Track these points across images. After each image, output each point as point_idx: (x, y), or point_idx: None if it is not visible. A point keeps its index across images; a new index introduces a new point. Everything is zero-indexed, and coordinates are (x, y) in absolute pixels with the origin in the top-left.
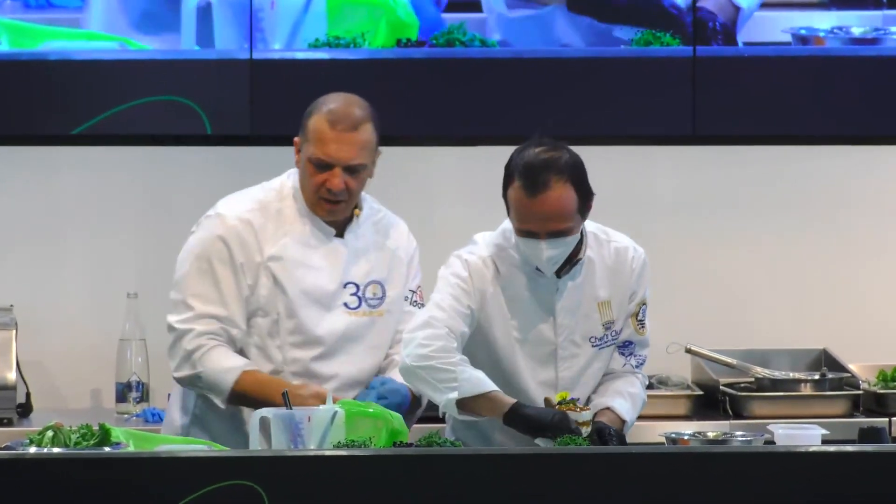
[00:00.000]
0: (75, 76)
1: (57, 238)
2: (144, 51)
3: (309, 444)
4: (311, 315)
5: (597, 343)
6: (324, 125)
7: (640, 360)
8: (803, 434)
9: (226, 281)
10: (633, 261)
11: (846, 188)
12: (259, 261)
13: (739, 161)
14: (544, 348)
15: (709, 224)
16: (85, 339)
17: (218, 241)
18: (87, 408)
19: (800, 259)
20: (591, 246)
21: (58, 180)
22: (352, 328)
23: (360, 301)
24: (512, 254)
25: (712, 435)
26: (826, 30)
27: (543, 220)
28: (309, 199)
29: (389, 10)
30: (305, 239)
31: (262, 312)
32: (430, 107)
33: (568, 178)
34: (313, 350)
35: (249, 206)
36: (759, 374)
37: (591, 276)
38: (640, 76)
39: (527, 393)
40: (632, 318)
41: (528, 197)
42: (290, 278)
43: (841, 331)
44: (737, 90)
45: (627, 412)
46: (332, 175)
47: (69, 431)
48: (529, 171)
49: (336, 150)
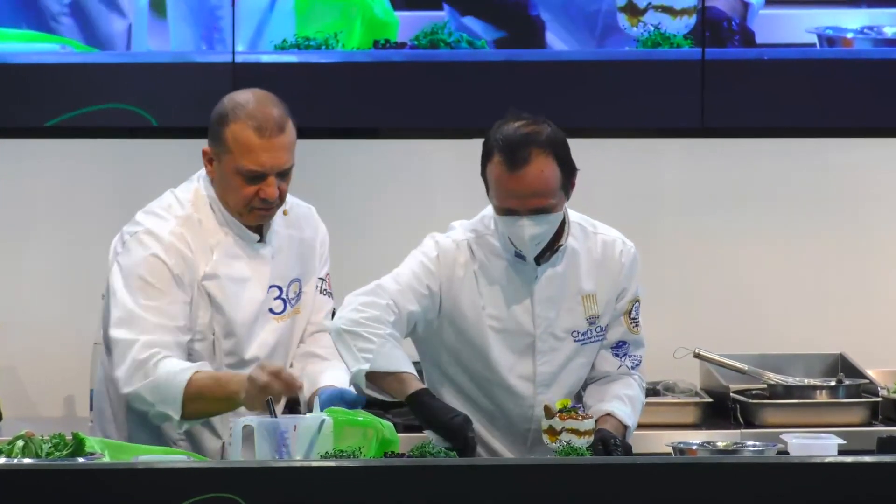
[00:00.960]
0: (24, 79)
1: (26, 236)
2: (91, 53)
3: (295, 455)
4: (247, 331)
5: (579, 338)
6: (249, 134)
7: (635, 360)
8: (818, 444)
9: (169, 298)
10: (623, 255)
11: (865, 183)
12: (195, 279)
13: (751, 154)
14: (522, 340)
15: (718, 221)
16: (57, 343)
17: (156, 261)
18: (59, 416)
19: (815, 258)
20: (575, 236)
21: (27, 175)
22: (281, 335)
23: (284, 304)
24: (490, 240)
25: (722, 445)
26: (855, 30)
27: (525, 197)
28: (237, 211)
29: (365, 8)
30: (230, 249)
31: (200, 336)
32: (413, 116)
33: (550, 152)
34: (249, 368)
35: (174, 221)
36: (772, 380)
37: (576, 268)
38: (647, 76)
39: (507, 387)
40: (624, 316)
41: (508, 172)
42: (226, 297)
43: (859, 334)
44: (747, 81)
45: (629, 416)
46: (266, 185)
47: (41, 441)
48: (509, 146)
49: (268, 158)
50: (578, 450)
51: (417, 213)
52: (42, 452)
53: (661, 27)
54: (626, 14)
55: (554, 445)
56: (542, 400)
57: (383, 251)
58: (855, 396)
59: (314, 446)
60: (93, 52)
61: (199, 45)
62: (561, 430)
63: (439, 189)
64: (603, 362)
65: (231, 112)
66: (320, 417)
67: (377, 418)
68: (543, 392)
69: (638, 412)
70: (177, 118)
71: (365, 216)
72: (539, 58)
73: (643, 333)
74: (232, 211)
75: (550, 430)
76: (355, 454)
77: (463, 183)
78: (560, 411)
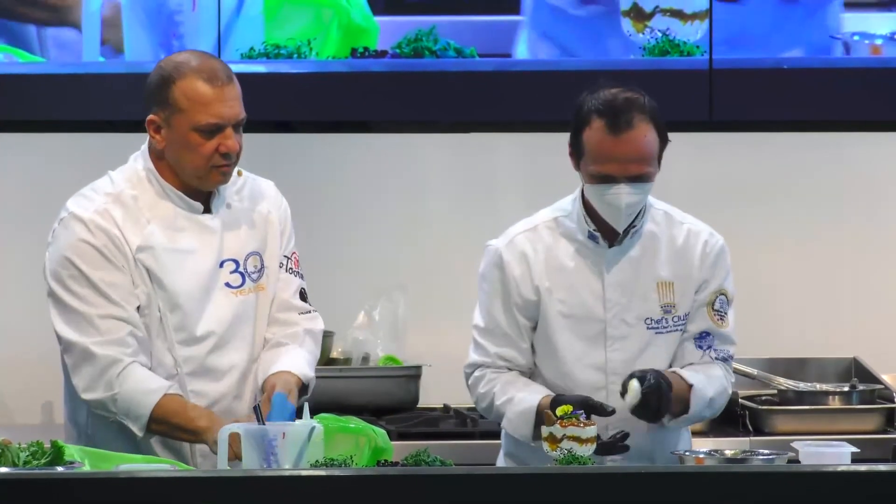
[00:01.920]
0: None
1: (1, 234)
2: (39, 63)
3: (283, 463)
4: (195, 305)
5: (653, 325)
6: (201, 86)
7: (721, 353)
8: (831, 452)
9: (107, 281)
10: (707, 245)
11: (880, 180)
12: (128, 254)
13: (761, 149)
14: (593, 326)
15: (727, 219)
16: (34, 347)
17: (83, 244)
18: (37, 423)
19: (828, 257)
20: (657, 222)
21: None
22: (240, 309)
23: (243, 277)
24: (564, 222)
25: (730, 453)
26: (885, 35)
27: (626, 162)
28: (197, 173)
29: (342, 13)
30: (171, 221)
31: (143, 312)
32: (401, 114)
33: (650, 119)
34: (205, 344)
35: (103, 199)
36: (783, 385)
37: (654, 254)
38: (653, 84)
39: (572, 376)
40: (707, 307)
41: (611, 135)
42: (164, 268)
43: (873, 338)
44: (757, 74)
45: (697, 380)
46: (225, 137)
47: (18, 449)
48: (612, 110)
49: (225, 108)
50: (580, 458)
51: (407, 208)
52: (19, 461)
53: (670, 33)
54: (630, 18)
55: (554, 453)
56: (615, 390)
57: (375, 246)
58: (869, 402)
59: (304, 455)
60: (41, 61)
61: (157, 54)
62: (562, 438)
63: (430, 184)
64: (686, 354)
65: (175, 71)
66: (310, 425)
67: (370, 425)
68: (616, 382)
69: (715, 389)
70: None
71: (355, 211)
72: (533, 68)
73: (732, 331)
74: (190, 177)
75: (551, 437)
76: (347, 463)
77: (454, 178)
78: (561, 418)
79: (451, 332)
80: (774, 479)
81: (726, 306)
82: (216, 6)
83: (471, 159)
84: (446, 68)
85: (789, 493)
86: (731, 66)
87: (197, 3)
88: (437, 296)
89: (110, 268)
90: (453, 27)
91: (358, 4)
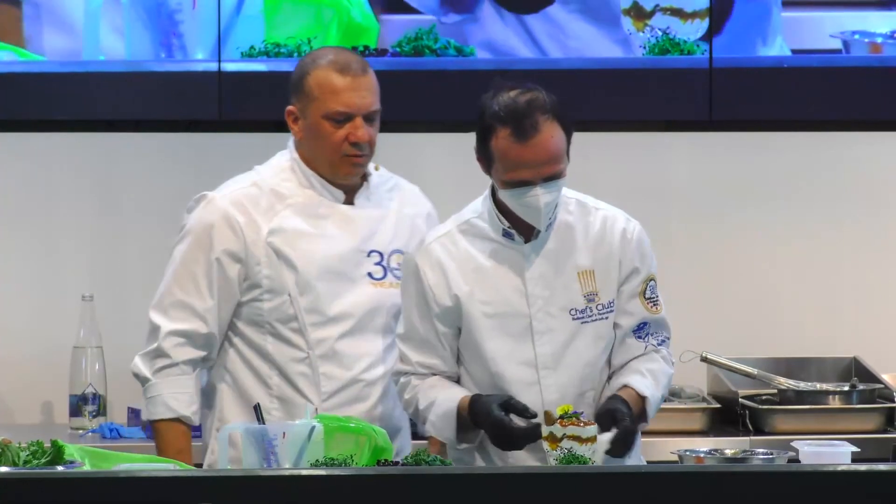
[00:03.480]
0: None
1: (0, 233)
2: (39, 62)
3: (283, 463)
4: (331, 288)
5: (578, 315)
6: (333, 76)
7: (659, 338)
8: (831, 452)
9: (203, 270)
10: (626, 232)
11: (882, 179)
12: (258, 240)
13: (761, 149)
14: (518, 322)
15: (727, 219)
16: (35, 346)
17: (203, 227)
18: (37, 423)
19: (828, 257)
20: (571, 212)
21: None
22: (377, 301)
23: (385, 271)
24: (477, 223)
25: (731, 452)
26: (885, 34)
27: (538, 166)
28: (330, 162)
29: (342, 11)
30: (310, 208)
31: (270, 296)
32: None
33: (554, 116)
34: (338, 327)
35: (240, 186)
36: (783, 385)
37: (571, 243)
38: (654, 81)
39: (502, 376)
40: (639, 297)
41: (518, 143)
42: (297, 250)
43: (873, 337)
44: (757, 73)
45: (647, 387)
46: (355, 126)
47: (18, 449)
48: (514, 115)
49: (355, 97)
50: (580, 458)
51: None
52: (20, 460)
53: (670, 31)
54: (630, 17)
55: (555, 453)
56: (549, 385)
57: None
58: (869, 402)
59: (304, 454)
60: (41, 61)
61: (158, 53)
62: (562, 437)
63: (430, 184)
64: (628, 349)
65: (311, 62)
66: (310, 424)
67: (370, 425)
68: (548, 376)
69: (662, 385)
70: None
71: None
72: (534, 66)
73: (665, 312)
74: (324, 167)
75: (551, 437)
76: (347, 463)
77: (454, 178)
78: (561, 417)
79: None
80: (774, 479)
81: (656, 290)
82: (216, 5)
83: (471, 159)
84: (447, 67)
85: (789, 493)
86: (732, 65)
87: (197, 1)
88: None
89: (209, 261)
90: (453, 26)
91: (358, 3)
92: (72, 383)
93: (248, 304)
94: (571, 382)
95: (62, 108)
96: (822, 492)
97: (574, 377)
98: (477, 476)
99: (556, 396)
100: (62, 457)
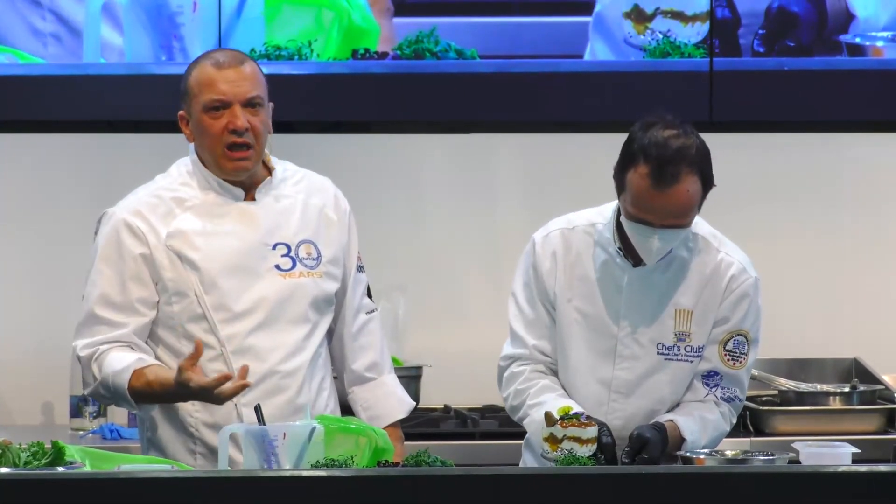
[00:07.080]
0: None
1: (0, 234)
2: (39, 65)
3: (283, 464)
4: (235, 284)
5: (664, 351)
6: (208, 69)
7: (726, 393)
8: (832, 453)
9: (117, 277)
10: (734, 280)
11: (882, 180)
12: (157, 244)
13: (761, 150)
14: (605, 341)
15: (727, 219)
16: (35, 347)
17: (105, 238)
18: (38, 424)
19: (828, 257)
20: (691, 248)
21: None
22: (289, 291)
23: (293, 262)
24: (601, 231)
25: (731, 454)
26: (886, 38)
27: (664, 215)
28: (214, 154)
29: (343, 14)
30: (209, 208)
31: (177, 298)
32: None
33: (697, 170)
34: (248, 321)
35: (134, 197)
36: (784, 386)
37: (678, 279)
38: (654, 85)
39: (576, 387)
40: (718, 345)
41: (654, 188)
42: (197, 250)
43: (874, 338)
44: (757, 75)
45: (691, 431)
46: (232, 115)
47: (18, 450)
48: (660, 159)
49: (228, 86)
50: (581, 459)
51: (408, 208)
52: (20, 461)
53: (671, 35)
54: (631, 20)
55: (555, 454)
56: (617, 410)
57: (374, 246)
58: (870, 403)
59: (304, 455)
60: (41, 62)
61: (158, 55)
62: (562, 438)
63: (430, 184)
64: (692, 390)
65: (193, 64)
66: (311, 425)
67: (370, 426)
68: (619, 400)
69: (709, 437)
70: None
71: (355, 211)
72: (533, 69)
73: (746, 373)
74: (211, 163)
75: (551, 437)
76: (347, 463)
77: (454, 178)
78: (562, 418)
79: (451, 332)
80: (775, 480)
81: (744, 347)
82: (217, 7)
83: (471, 159)
84: (447, 70)
85: (790, 493)
86: (732, 67)
87: (198, 4)
88: (437, 296)
89: (121, 265)
90: (454, 28)
91: (359, 5)
92: (72, 384)
93: (161, 309)
94: (639, 413)
95: (62, 109)
96: (823, 493)
97: (643, 409)
98: (477, 476)
99: (620, 423)
100: (63, 458)
